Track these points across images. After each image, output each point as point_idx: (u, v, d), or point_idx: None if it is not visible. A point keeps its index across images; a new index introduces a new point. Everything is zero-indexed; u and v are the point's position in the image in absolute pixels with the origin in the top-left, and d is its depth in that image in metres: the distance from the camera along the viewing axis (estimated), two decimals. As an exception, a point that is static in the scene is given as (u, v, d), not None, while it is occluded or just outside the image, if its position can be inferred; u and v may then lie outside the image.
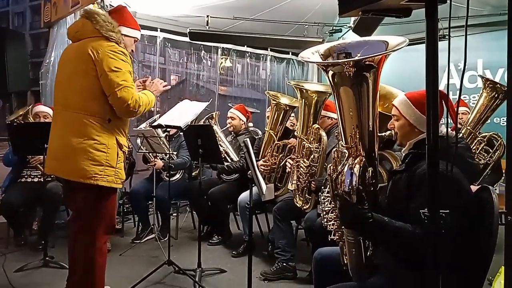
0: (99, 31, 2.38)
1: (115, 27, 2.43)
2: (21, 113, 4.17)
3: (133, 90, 2.39)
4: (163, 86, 2.79)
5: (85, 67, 2.34)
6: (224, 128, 4.52)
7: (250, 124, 4.97)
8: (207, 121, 4.55)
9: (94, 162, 2.34)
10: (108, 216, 2.49)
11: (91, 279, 2.45)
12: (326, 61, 1.70)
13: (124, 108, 2.36)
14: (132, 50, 2.63)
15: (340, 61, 1.66)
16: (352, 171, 1.57)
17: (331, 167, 1.71)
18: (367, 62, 1.54)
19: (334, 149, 1.80)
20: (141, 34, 5.54)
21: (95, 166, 2.34)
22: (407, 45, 1.56)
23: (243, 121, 4.41)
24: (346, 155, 1.66)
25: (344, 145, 1.66)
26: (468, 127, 3.61)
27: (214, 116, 4.61)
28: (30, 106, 4.28)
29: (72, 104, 2.39)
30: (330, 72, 1.61)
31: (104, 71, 2.31)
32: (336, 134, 2.29)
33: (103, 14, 2.44)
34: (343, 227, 1.72)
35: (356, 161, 1.58)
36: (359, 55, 1.64)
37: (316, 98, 3.10)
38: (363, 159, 1.59)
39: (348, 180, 1.56)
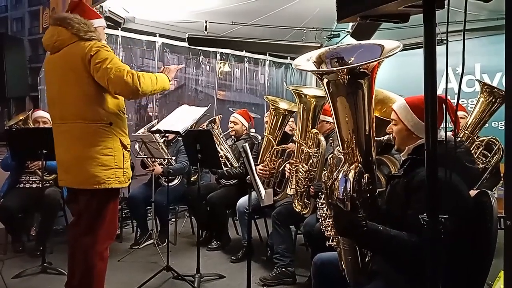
0: (78, 35, 2.33)
1: (90, 26, 2.38)
2: (21, 117, 4.18)
3: (125, 67, 2.31)
4: (177, 68, 2.73)
5: (76, 75, 2.31)
6: (226, 132, 4.52)
7: (252, 130, 4.96)
8: (209, 125, 4.54)
9: (104, 167, 2.36)
10: (110, 218, 2.48)
11: (89, 284, 2.43)
12: (320, 69, 1.69)
13: (123, 85, 2.27)
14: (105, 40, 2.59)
15: (334, 69, 1.65)
16: (346, 178, 1.55)
17: (326, 174, 1.70)
18: (361, 69, 1.53)
19: (331, 155, 1.79)
20: (140, 39, 5.66)
21: (106, 170, 2.36)
22: (406, 50, 1.57)
23: (245, 126, 4.40)
24: (342, 161, 1.65)
25: (341, 150, 1.65)
26: (466, 131, 3.61)
27: (216, 120, 4.61)
28: (30, 111, 4.28)
29: (70, 115, 2.38)
30: (325, 80, 1.60)
31: (94, 67, 2.27)
32: (330, 140, 2.28)
33: (74, 17, 2.37)
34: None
35: (351, 168, 1.57)
36: (352, 59, 1.64)
37: (314, 102, 3.10)
38: (359, 166, 1.58)
39: (342, 187, 1.54)
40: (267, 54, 6.92)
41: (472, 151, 3.59)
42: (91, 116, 2.34)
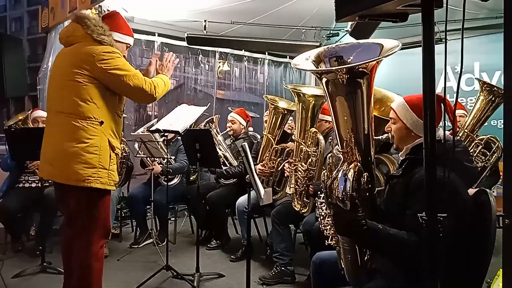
0: (91, 36, 2.36)
1: (106, 31, 2.41)
2: (20, 117, 4.17)
3: (141, 75, 2.43)
4: (172, 63, 2.77)
5: (77, 71, 2.33)
6: (224, 132, 4.53)
7: (250, 129, 4.96)
8: (207, 124, 4.55)
9: (87, 165, 2.30)
10: (102, 219, 2.43)
11: (88, 285, 2.42)
12: (319, 68, 1.69)
13: (142, 94, 2.41)
14: (124, 56, 2.57)
15: (333, 68, 1.65)
16: (346, 177, 1.54)
17: (325, 173, 1.70)
18: (360, 69, 1.53)
19: (330, 154, 1.79)
20: (139, 39, 5.66)
21: (88, 168, 2.31)
22: (405, 49, 1.56)
23: (243, 125, 4.41)
24: (342, 160, 1.65)
25: (340, 149, 1.65)
26: (466, 130, 3.61)
27: (214, 120, 4.62)
28: (30, 111, 4.28)
29: (64, 108, 2.37)
30: (324, 79, 1.60)
31: (107, 73, 2.32)
32: (330, 139, 2.27)
33: (93, 18, 2.42)
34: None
35: (350, 167, 1.57)
36: (351, 58, 1.63)
37: (313, 102, 3.11)
38: (358, 165, 1.58)
39: (342, 186, 1.54)
40: (266, 53, 6.92)
41: (471, 150, 3.59)
42: (84, 113, 2.33)
